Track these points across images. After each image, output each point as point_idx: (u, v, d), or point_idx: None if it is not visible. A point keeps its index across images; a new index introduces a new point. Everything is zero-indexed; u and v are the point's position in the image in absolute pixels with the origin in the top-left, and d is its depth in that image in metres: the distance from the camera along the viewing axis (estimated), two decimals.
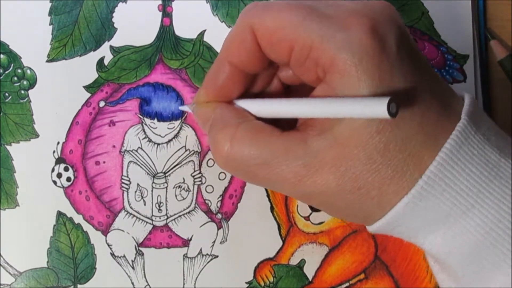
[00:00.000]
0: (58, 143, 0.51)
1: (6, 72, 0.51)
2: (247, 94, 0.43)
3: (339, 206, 0.39)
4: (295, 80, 0.43)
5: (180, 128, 0.52)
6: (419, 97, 0.36)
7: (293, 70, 0.40)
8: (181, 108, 0.51)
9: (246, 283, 0.52)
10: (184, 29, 0.53)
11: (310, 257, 0.53)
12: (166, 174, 0.52)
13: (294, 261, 0.53)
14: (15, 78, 0.51)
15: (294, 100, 0.39)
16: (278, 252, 0.52)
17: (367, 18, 0.36)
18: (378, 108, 0.33)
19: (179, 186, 0.52)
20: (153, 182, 0.51)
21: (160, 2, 0.53)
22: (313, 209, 0.53)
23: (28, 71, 0.51)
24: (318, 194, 0.38)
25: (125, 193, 0.51)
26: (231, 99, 0.43)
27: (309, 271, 0.53)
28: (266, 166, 0.38)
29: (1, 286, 0.50)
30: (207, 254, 0.52)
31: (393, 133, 0.35)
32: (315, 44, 0.36)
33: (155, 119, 0.52)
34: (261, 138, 0.38)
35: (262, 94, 0.44)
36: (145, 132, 0.52)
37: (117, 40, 0.52)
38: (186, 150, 0.52)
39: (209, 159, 0.52)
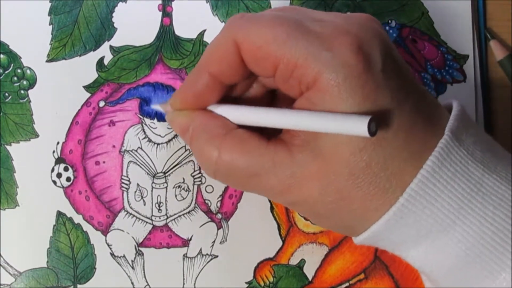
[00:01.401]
0: (58, 143, 0.51)
1: (6, 72, 0.51)
2: (225, 98, 0.43)
3: (322, 215, 0.39)
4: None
5: None
6: (404, 115, 0.36)
7: (276, 84, 0.39)
8: (154, 107, 0.51)
9: (246, 283, 0.52)
10: (184, 29, 0.53)
11: (310, 257, 0.53)
12: (166, 174, 0.52)
13: (294, 261, 0.53)
14: (15, 78, 0.51)
15: (275, 111, 0.39)
16: (278, 252, 0.52)
17: (353, 36, 0.36)
18: (358, 126, 0.33)
19: (179, 186, 0.52)
20: (153, 182, 0.51)
21: (160, 2, 0.53)
22: None
23: (28, 71, 0.51)
24: (303, 202, 0.38)
25: (125, 193, 0.51)
26: (206, 106, 0.42)
27: (309, 271, 0.53)
28: (256, 177, 0.38)
29: (1, 286, 0.50)
30: (207, 254, 0.52)
31: (376, 152, 0.36)
32: (300, 62, 0.36)
33: (155, 119, 0.52)
34: (249, 149, 0.38)
35: (241, 99, 0.44)
36: (145, 132, 0.52)
37: (117, 40, 0.52)
38: (186, 150, 0.52)
39: None
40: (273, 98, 0.45)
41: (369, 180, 0.36)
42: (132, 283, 0.51)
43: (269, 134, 0.39)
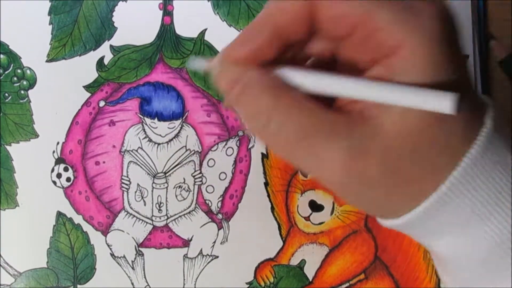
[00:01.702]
0: (58, 143, 0.51)
1: (6, 72, 0.51)
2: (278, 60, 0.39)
3: (372, 198, 0.37)
4: (328, 54, 0.40)
5: (181, 128, 0.52)
6: (465, 93, 0.35)
7: (347, 46, 0.37)
8: (191, 64, 0.46)
9: (247, 283, 0.52)
10: (185, 28, 0.53)
11: (311, 257, 0.53)
12: (167, 174, 0.51)
13: (294, 261, 0.53)
14: (15, 78, 0.51)
15: (350, 79, 0.36)
16: (278, 253, 0.52)
17: (440, 8, 0.35)
18: (445, 102, 0.32)
19: (180, 186, 0.52)
20: (153, 182, 0.51)
21: (161, 1, 0.52)
22: (313, 210, 0.52)
23: (28, 71, 0.51)
24: (356, 184, 0.36)
25: (125, 193, 0.51)
26: (261, 63, 0.38)
27: (310, 271, 0.53)
28: (309, 140, 0.35)
29: (1, 286, 0.50)
30: (208, 254, 0.52)
31: (441, 128, 0.35)
32: (384, 25, 0.34)
33: (156, 118, 0.51)
34: (307, 109, 0.35)
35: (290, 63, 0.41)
36: (145, 132, 0.51)
37: (117, 40, 0.52)
38: (186, 150, 0.52)
39: (210, 159, 0.52)
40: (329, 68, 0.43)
41: (431, 158, 0.35)
42: (132, 284, 0.51)
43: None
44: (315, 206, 0.52)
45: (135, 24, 0.52)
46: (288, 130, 0.35)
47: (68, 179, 0.51)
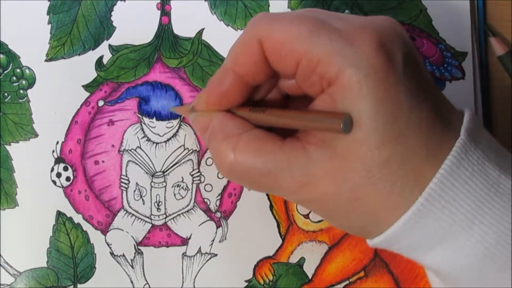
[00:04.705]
0: (57, 142, 0.51)
1: (5, 72, 0.51)
2: (247, 102, 0.43)
3: (336, 214, 0.39)
4: (296, 90, 0.42)
5: (179, 127, 0.52)
6: (423, 114, 0.36)
7: (298, 82, 0.40)
8: (172, 109, 0.51)
9: (246, 281, 0.52)
10: (183, 27, 0.53)
11: (310, 255, 0.53)
12: (165, 173, 0.52)
13: (293, 259, 0.53)
14: (14, 78, 0.51)
15: (276, 111, 0.40)
16: (277, 250, 0.52)
17: (376, 33, 0.36)
18: (333, 124, 0.35)
19: (178, 185, 0.52)
20: (152, 181, 0.51)
21: (159, 1, 0.53)
22: None
23: (27, 71, 0.51)
24: (317, 201, 0.38)
25: (124, 193, 0.51)
26: (231, 107, 0.42)
27: (309, 269, 0.53)
28: (270, 176, 0.38)
29: (1, 286, 0.50)
30: (206, 252, 0.52)
31: (394, 149, 0.35)
32: (322, 58, 0.36)
33: (154, 118, 0.52)
34: (263, 148, 0.39)
35: (261, 103, 0.44)
36: (144, 131, 0.52)
37: (116, 39, 0.52)
38: (184, 149, 0.52)
39: (208, 157, 0.52)
40: (289, 104, 0.45)
41: (386, 178, 0.36)
42: (132, 282, 0.51)
43: (286, 135, 0.39)
44: None
45: (133, 23, 0.53)
46: (250, 172, 0.39)
47: (67, 179, 0.51)
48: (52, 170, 0.51)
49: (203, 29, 0.53)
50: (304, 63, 0.37)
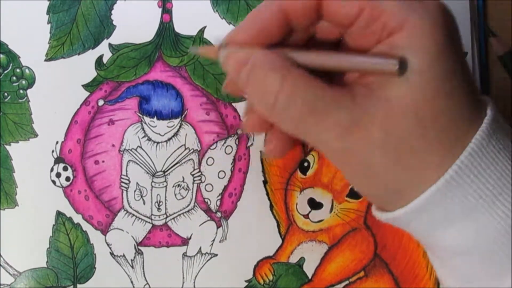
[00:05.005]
0: (57, 142, 0.51)
1: (5, 72, 0.51)
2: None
3: (376, 171, 0.38)
4: (331, 36, 0.41)
5: (180, 126, 0.52)
6: (465, 76, 0.36)
7: (352, 29, 0.38)
8: (193, 50, 0.51)
9: (246, 281, 0.52)
10: (184, 26, 0.52)
11: (310, 255, 0.53)
12: (166, 173, 0.51)
13: (293, 259, 0.53)
14: (14, 78, 0.51)
15: (328, 52, 0.39)
16: (277, 250, 0.52)
17: (439, 1, 0.37)
18: (391, 65, 0.35)
19: (179, 185, 0.52)
20: (152, 181, 0.51)
21: None
22: (313, 207, 0.52)
23: (27, 71, 0.51)
24: (359, 150, 0.37)
25: (125, 193, 0.51)
26: (265, 46, 0.40)
27: (309, 269, 0.53)
28: (315, 114, 0.37)
29: (1, 286, 0.50)
30: (207, 252, 0.52)
31: (447, 103, 0.35)
32: (388, 7, 0.36)
33: (155, 117, 0.51)
34: (313, 84, 0.37)
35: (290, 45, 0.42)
36: (144, 131, 0.51)
37: (116, 38, 0.52)
38: (185, 149, 0.52)
39: (209, 157, 0.52)
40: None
41: (436, 133, 0.35)
42: (132, 282, 0.51)
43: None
44: (314, 204, 0.52)
45: (134, 22, 0.52)
46: (295, 107, 0.37)
47: (67, 179, 0.51)
48: (51, 170, 0.51)
49: (205, 27, 0.52)
50: (368, 11, 0.36)
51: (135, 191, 0.51)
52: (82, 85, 0.51)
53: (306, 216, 0.53)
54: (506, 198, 0.36)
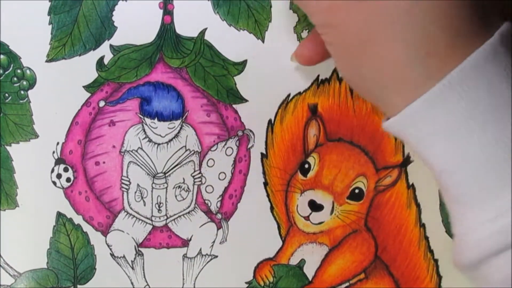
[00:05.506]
0: (58, 143, 0.51)
1: (6, 72, 0.51)
2: None
3: (392, 45, 0.37)
4: None
5: (181, 128, 0.52)
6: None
7: None
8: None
9: (246, 283, 0.52)
10: (185, 27, 0.52)
11: (310, 257, 0.53)
12: (166, 174, 0.51)
13: (294, 261, 0.53)
14: (15, 79, 0.51)
15: None
16: (278, 252, 0.53)
17: None
18: None
19: (179, 186, 0.52)
20: (153, 183, 0.51)
21: (161, 0, 0.52)
22: (313, 209, 0.52)
23: (28, 71, 0.51)
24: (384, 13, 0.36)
25: (125, 194, 0.51)
26: None
27: (309, 271, 0.53)
28: None
29: (1, 287, 0.50)
30: (207, 254, 0.52)
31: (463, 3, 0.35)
32: None
33: (156, 118, 0.51)
34: None
35: None
36: (145, 132, 0.51)
37: (117, 39, 0.52)
38: (186, 150, 0.52)
39: (209, 159, 0.52)
40: None
41: (458, 23, 0.35)
42: (132, 283, 0.51)
43: None
44: (314, 206, 0.52)
45: (135, 23, 0.52)
46: None
47: (68, 180, 0.51)
48: (52, 171, 0.51)
49: (205, 28, 0.52)
50: None
51: (135, 192, 0.51)
52: (83, 86, 0.51)
53: (307, 218, 0.53)
54: (499, 121, 0.35)
